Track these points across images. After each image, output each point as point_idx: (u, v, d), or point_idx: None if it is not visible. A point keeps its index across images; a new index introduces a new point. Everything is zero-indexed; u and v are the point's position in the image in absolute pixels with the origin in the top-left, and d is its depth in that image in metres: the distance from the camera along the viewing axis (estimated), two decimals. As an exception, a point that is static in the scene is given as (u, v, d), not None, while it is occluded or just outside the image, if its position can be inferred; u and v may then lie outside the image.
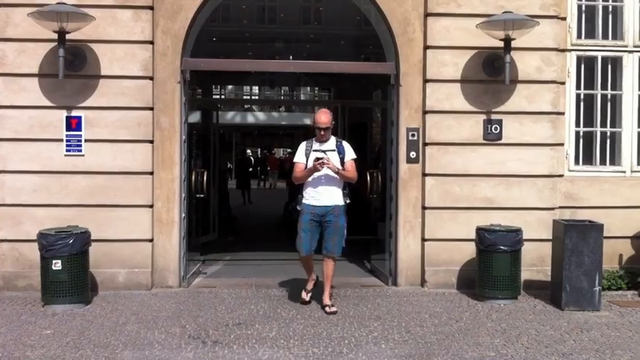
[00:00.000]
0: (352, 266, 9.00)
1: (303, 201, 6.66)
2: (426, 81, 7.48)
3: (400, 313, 6.55)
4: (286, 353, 5.30)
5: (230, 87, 29.96)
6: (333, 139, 6.69)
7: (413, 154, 7.57)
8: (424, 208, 7.57)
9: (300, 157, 6.70)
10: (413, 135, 7.55)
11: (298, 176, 6.65)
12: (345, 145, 6.69)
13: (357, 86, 12.34)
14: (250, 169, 21.19)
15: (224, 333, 5.83)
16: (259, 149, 36.49)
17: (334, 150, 6.60)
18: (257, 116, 32.88)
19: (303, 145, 6.76)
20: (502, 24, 6.95)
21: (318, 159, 6.41)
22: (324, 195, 6.58)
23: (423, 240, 7.59)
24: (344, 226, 6.62)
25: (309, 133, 8.67)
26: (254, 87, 33.38)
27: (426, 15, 7.46)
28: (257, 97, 34.61)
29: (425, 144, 7.53)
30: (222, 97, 25.26)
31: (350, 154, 6.65)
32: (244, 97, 33.76)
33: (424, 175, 7.55)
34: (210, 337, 5.69)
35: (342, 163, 6.60)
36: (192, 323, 6.12)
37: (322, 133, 6.56)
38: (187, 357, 5.18)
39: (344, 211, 6.65)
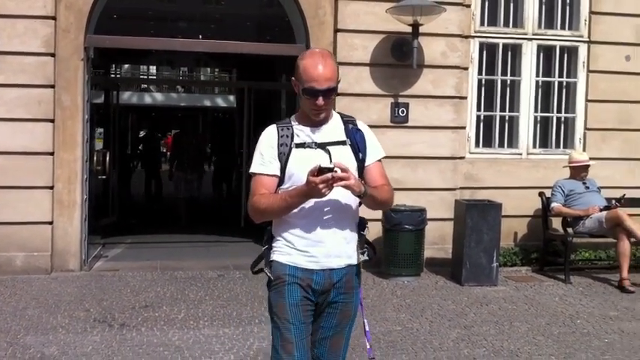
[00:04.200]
0: (259, 248, 8.70)
1: (278, 257, 2.90)
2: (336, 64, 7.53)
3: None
4: (197, 334, 5.25)
5: (126, 66, 29.03)
6: (337, 118, 2.96)
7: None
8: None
9: (265, 163, 2.88)
10: (322, 117, 7.60)
11: (266, 207, 2.83)
12: (365, 129, 2.99)
13: (261, 67, 12.27)
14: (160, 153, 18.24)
15: (131, 316, 5.70)
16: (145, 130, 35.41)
17: (345, 142, 2.91)
18: (155, 97, 32.05)
19: (269, 136, 2.91)
20: (411, 10, 7.11)
21: (323, 170, 2.60)
22: (326, 245, 2.86)
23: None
24: (356, 313, 3.02)
25: (268, 109, 8.14)
26: (151, 67, 32.51)
27: (338, -2, 7.52)
28: (154, 77, 33.76)
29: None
30: (118, 76, 24.48)
31: (377, 149, 3.01)
32: (141, 77, 32.82)
33: (333, 156, 7.62)
34: (117, 321, 5.55)
35: (361, 168, 2.93)
36: (96, 307, 5.94)
37: (320, 102, 2.78)
38: (94, 340, 5.03)
39: (360, 278, 3.03)
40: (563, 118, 8.39)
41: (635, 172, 8.35)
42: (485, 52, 8.11)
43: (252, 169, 2.91)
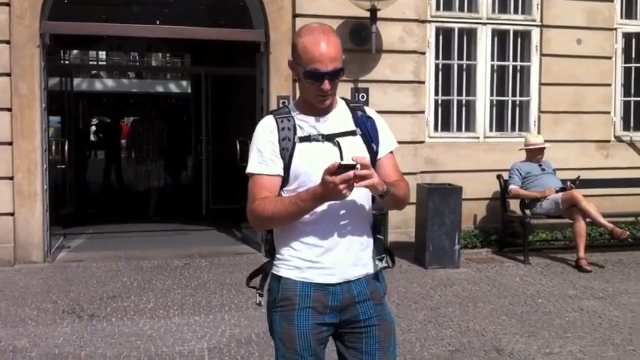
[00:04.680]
0: (223, 235, 9.02)
1: (285, 272, 2.49)
2: (295, 49, 7.57)
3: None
4: (167, 323, 5.27)
5: (75, 52, 28.38)
6: (342, 105, 2.59)
7: (283, 122, 7.65)
8: (295, 174, 7.70)
9: (265, 161, 2.47)
10: (284, 103, 7.64)
11: (272, 214, 2.40)
12: (375, 117, 2.62)
13: (217, 52, 12.17)
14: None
15: (99, 306, 5.68)
16: (107, 118, 34.87)
17: (354, 132, 2.52)
18: (106, 83, 31.45)
19: (267, 129, 2.48)
20: (369, -6, 7.18)
21: (342, 167, 2.21)
22: (341, 252, 2.46)
23: (294, 206, 7.72)
24: (395, 327, 2.62)
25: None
26: (101, 52, 31.84)
27: (296, -17, 7.53)
28: (104, 64, 33.10)
29: (295, 112, 7.63)
30: (68, 62, 23.95)
31: (390, 139, 2.62)
32: (91, 63, 32.15)
33: (295, 142, 7.66)
34: (86, 312, 5.53)
35: (373, 161, 2.52)
36: (64, 298, 5.90)
37: (326, 86, 2.39)
38: (64, 332, 5.02)
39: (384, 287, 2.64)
40: (518, 102, 8.61)
41: (588, 153, 8.63)
42: (441, 37, 8.24)
43: (250, 168, 2.47)
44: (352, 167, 2.20)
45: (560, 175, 7.90)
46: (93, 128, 20.54)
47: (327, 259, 2.44)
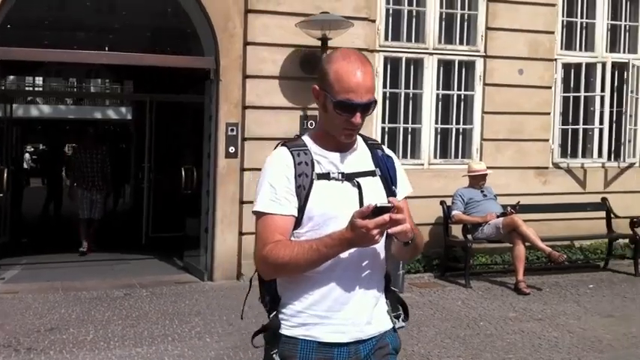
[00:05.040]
0: (163, 264, 8.80)
1: (288, 330, 2.19)
2: (245, 77, 7.55)
3: (220, 307, 6.53)
4: (108, 355, 5.10)
5: (12, 78, 27.64)
6: (360, 142, 2.34)
7: (232, 149, 7.59)
8: (242, 202, 7.62)
9: (279, 199, 2.16)
10: (232, 130, 7.57)
11: (289, 260, 2.09)
12: (394, 157, 2.43)
13: (163, 79, 12.03)
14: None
15: (37, 339, 5.44)
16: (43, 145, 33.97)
17: (374, 173, 2.29)
18: (42, 109, 30.68)
19: (282, 163, 2.20)
20: (320, 24, 7.22)
21: (379, 209, 1.98)
22: (354, 308, 2.19)
23: (241, 234, 7.64)
24: None
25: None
26: (37, 78, 31.11)
27: (247, 11, 7.53)
28: (41, 89, 32.33)
29: (244, 139, 7.58)
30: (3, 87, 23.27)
31: (407, 183, 2.45)
32: (27, 89, 31.35)
33: (243, 169, 7.60)
34: (23, 345, 5.29)
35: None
36: (-1, 331, 5.63)
37: (358, 120, 2.16)
38: (1, 367, 4.77)
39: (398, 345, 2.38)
40: (461, 130, 8.76)
41: (528, 179, 8.83)
42: (389, 66, 8.34)
43: (260, 206, 2.15)
44: (387, 210, 1.97)
45: (502, 200, 8.05)
46: (27, 156, 19.93)
47: (339, 315, 2.15)
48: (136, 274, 8.03)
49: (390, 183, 2.29)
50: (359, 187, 2.19)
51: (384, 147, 2.40)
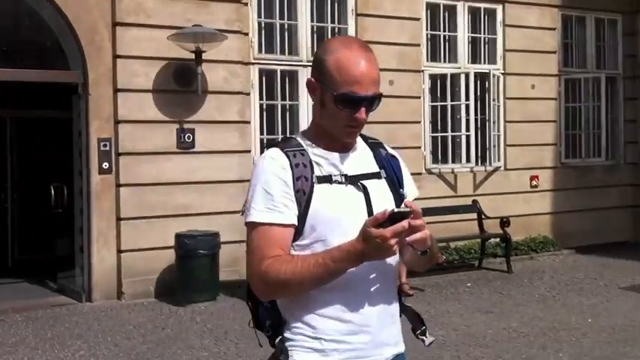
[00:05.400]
0: (35, 287, 8.36)
1: (304, 356, 1.90)
2: (116, 90, 7.38)
3: (103, 329, 6.34)
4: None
5: None
6: (359, 140, 2.08)
7: (106, 165, 7.39)
8: (119, 219, 7.43)
9: (277, 206, 1.88)
10: (105, 145, 7.36)
11: (291, 277, 1.83)
12: (399, 157, 2.16)
13: (24, 95, 11.44)
14: None
15: None
16: None
17: (379, 174, 2.04)
18: None
19: (277, 165, 1.91)
20: (193, 37, 7.20)
21: (396, 215, 1.74)
22: (374, 329, 1.94)
23: (119, 251, 7.45)
24: None
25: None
26: None
27: (115, 24, 7.38)
28: None
29: (118, 154, 7.40)
30: None
31: (413, 185, 2.17)
32: None
33: (118, 185, 7.42)
34: None
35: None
36: None
37: (363, 115, 1.91)
38: None
39: None
40: (338, 140, 8.94)
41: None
42: (265, 78, 8.41)
43: (256, 216, 1.86)
44: (405, 216, 1.73)
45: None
46: None
47: (359, 339, 1.89)
48: (7, 298, 7.60)
49: (397, 185, 2.04)
50: (365, 190, 1.94)
51: (387, 146, 2.14)
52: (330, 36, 8.80)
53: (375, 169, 2.01)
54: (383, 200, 1.92)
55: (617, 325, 6.09)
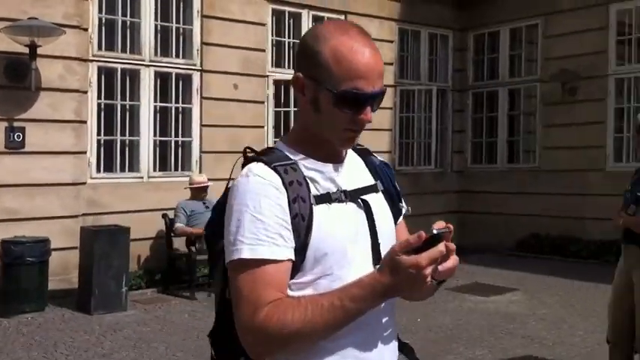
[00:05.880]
0: None
1: None
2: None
3: None
4: None
5: None
6: (350, 152, 1.70)
7: None
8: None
9: (271, 237, 1.46)
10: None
11: (302, 327, 1.42)
12: (389, 166, 1.82)
13: None
14: None
15: None
16: None
17: (375, 187, 1.69)
18: None
19: (269, 186, 1.50)
20: (28, 30, 6.77)
21: (432, 239, 1.42)
22: None
23: None
24: None
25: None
26: None
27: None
28: None
29: (-63, 152, 6.79)
30: None
31: (402, 197, 1.82)
32: None
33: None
34: None
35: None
36: None
37: (369, 116, 1.54)
38: None
39: None
40: (180, 142, 8.81)
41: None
42: (104, 77, 8.09)
43: (244, 252, 1.46)
44: (440, 239, 1.42)
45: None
46: None
47: None
48: None
49: (395, 199, 1.74)
50: (367, 208, 1.60)
51: (378, 156, 1.81)
52: (174, 36, 8.65)
53: (371, 180, 1.68)
54: (384, 218, 1.64)
55: (443, 324, 6.51)
